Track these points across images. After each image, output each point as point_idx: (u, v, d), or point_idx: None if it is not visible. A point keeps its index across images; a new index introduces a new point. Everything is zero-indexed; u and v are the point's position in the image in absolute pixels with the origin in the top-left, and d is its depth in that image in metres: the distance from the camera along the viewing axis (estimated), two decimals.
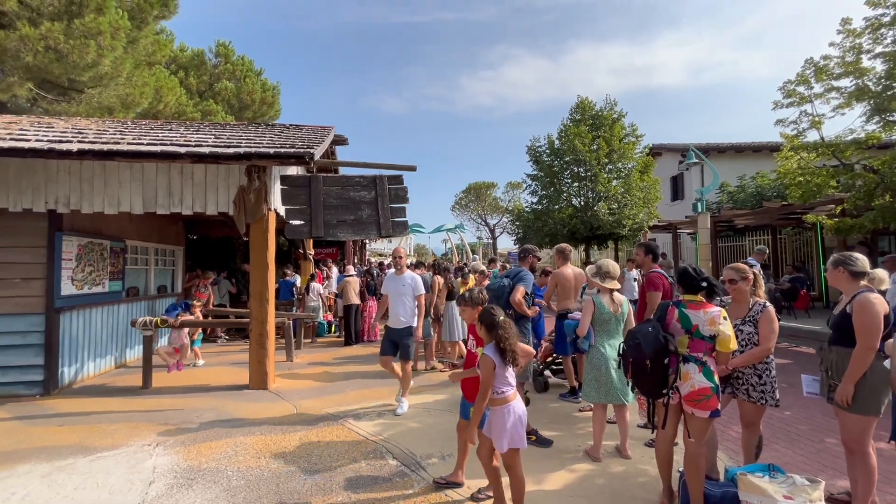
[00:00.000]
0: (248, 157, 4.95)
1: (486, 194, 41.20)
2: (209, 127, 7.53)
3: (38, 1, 9.47)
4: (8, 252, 5.37)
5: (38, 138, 5.00)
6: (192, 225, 10.18)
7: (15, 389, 5.34)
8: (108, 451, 3.72)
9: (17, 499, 2.97)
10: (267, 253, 5.55)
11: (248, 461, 3.53)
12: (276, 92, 19.97)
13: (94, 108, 11.49)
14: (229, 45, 19.10)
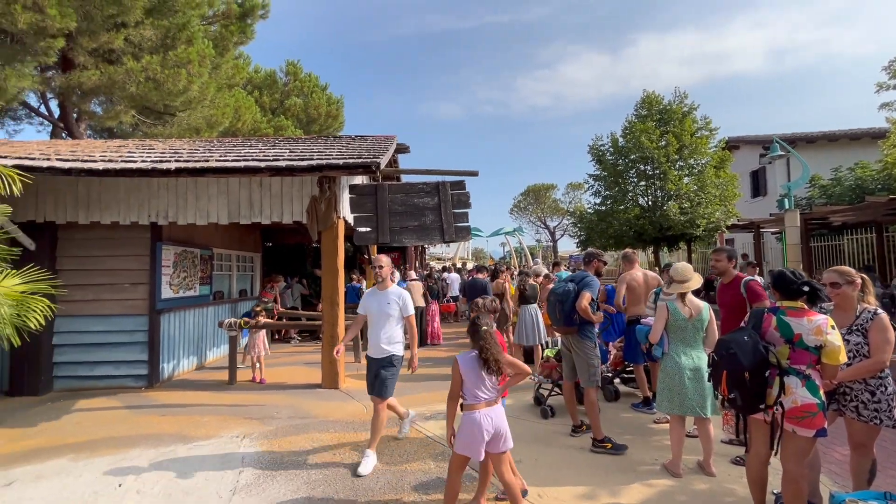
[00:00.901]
0: (319, 168, 5.25)
1: (546, 196, 40.37)
2: (283, 142, 8.07)
3: (140, 37, 10.69)
4: (119, 260, 6.11)
5: (143, 159, 5.64)
6: (268, 233, 10.94)
7: (125, 382, 6.03)
8: (202, 441, 4.09)
9: (131, 480, 3.35)
10: (337, 259, 5.83)
11: (325, 456, 3.72)
12: (339, 105, 20.96)
13: (184, 129, 12.74)
14: (298, 64, 20.37)
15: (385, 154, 6.15)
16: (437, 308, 9.42)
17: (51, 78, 10.76)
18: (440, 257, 36.95)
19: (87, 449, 3.94)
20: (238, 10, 13.99)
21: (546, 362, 4.95)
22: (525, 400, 5.17)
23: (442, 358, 7.77)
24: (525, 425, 4.40)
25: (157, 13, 10.94)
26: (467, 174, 5.83)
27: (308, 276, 11.82)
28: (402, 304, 3.80)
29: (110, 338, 6.01)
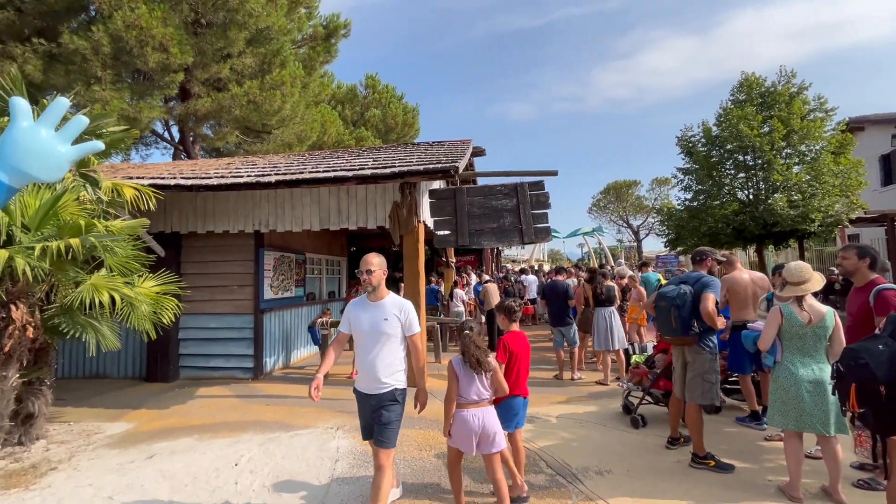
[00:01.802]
0: (401, 175, 5.47)
1: (628, 194, 38.13)
2: (367, 151, 8.53)
3: (242, 65, 11.95)
4: (229, 265, 6.86)
5: (248, 174, 6.30)
6: (352, 238, 11.62)
7: (234, 373, 6.75)
8: (302, 430, 4.45)
9: (245, 460, 3.75)
10: (418, 262, 6.03)
11: (412, 452, 3.86)
12: (415, 113, 21.66)
13: (279, 144, 13.97)
14: (376, 77, 21.39)
15: (462, 158, 6.24)
16: None
17: (172, 107, 12.42)
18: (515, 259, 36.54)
19: (209, 430, 4.48)
20: (323, 32, 15.08)
21: (635, 368, 4.68)
22: (612, 407, 4.93)
23: None
24: (614, 434, 4.20)
25: (256, 42, 12.16)
26: (546, 174, 5.73)
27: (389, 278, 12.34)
28: (406, 320, 2.73)
29: (222, 334, 6.77)
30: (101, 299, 4.06)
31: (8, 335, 3.62)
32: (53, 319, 4.13)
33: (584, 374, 6.50)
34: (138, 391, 6.06)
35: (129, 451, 4.02)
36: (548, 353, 8.15)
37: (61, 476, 3.52)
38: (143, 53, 9.51)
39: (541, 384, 6.08)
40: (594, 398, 5.37)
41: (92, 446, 4.14)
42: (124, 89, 10.05)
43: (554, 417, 4.69)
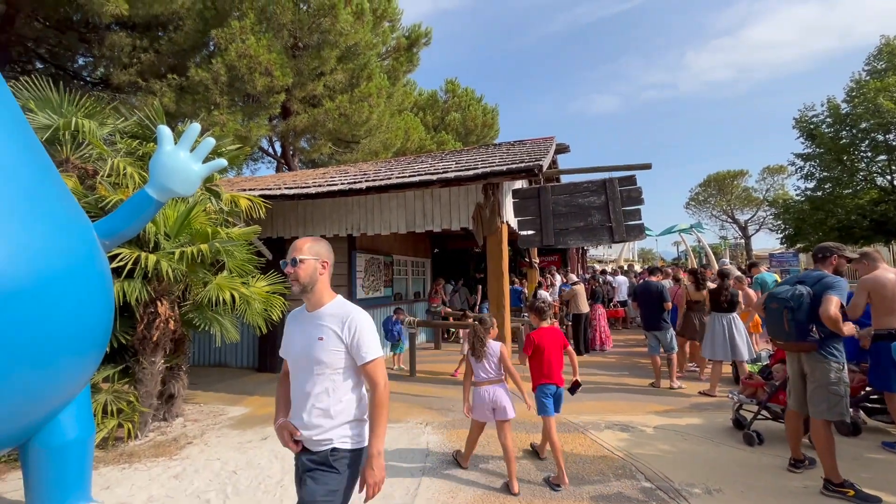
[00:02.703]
0: (484, 176, 5.50)
1: (733, 185, 34.36)
2: (449, 155, 8.71)
3: (334, 81, 12.87)
4: None
5: (341, 182, 6.77)
6: (435, 239, 11.92)
7: None
8: (393, 424, 4.67)
9: None
10: (501, 262, 6.01)
11: (499, 451, 3.85)
12: (494, 114, 21.63)
13: (367, 153, 14.81)
14: (455, 81, 21.74)
15: (545, 156, 6.11)
16: (603, 311, 8.89)
17: (276, 125, 13.77)
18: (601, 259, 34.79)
19: None
20: (405, 43, 15.69)
21: (749, 379, 4.21)
22: (719, 421, 4.47)
23: (612, 364, 7.29)
24: (724, 450, 3.80)
25: (346, 59, 13.03)
26: (638, 168, 5.38)
27: (471, 280, 12.46)
28: (353, 340, 1.79)
29: None
30: (223, 297, 4.64)
31: (155, 327, 4.29)
32: (188, 314, 4.80)
33: (685, 383, 5.98)
34: (252, 380, 6.80)
35: (246, 432, 4.53)
36: (638, 359, 7.64)
37: (196, 450, 4.08)
38: (252, 79, 10.67)
39: (634, 391, 5.71)
40: (698, 410, 4.92)
41: (218, 426, 4.74)
42: (237, 112, 11.36)
43: (651, 428, 4.38)
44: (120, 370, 4.38)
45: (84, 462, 2.75)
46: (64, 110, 4.43)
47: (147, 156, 4.59)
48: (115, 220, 2.90)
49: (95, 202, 4.13)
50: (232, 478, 3.48)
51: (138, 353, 4.36)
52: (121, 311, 3.99)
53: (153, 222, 4.33)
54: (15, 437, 2.39)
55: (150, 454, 3.97)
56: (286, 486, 3.32)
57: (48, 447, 2.53)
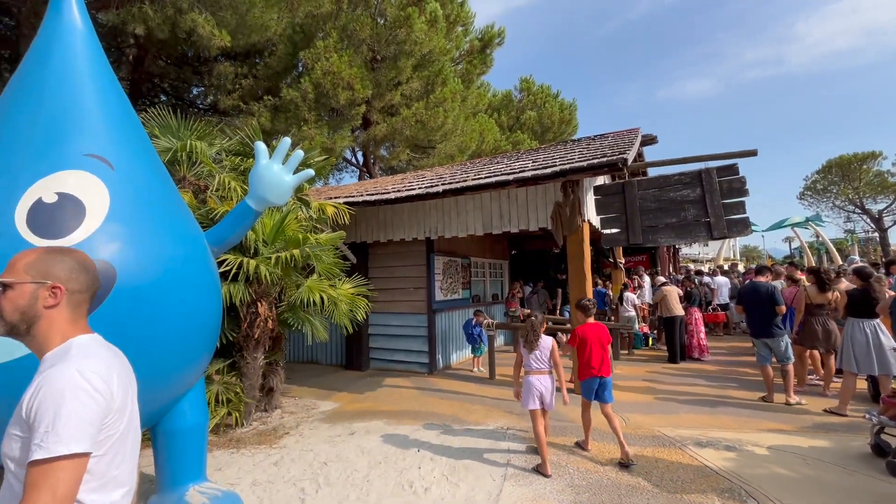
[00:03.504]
0: (563, 173, 5.29)
1: (862, 170, 29.54)
2: (525, 154, 8.53)
3: (410, 89, 13.27)
4: (406, 269, 7.65)
5: (419, 186, 6.93)
6: (513, 241, 11.74)
7: (412, 367, 7.46)
8: (473, 426, 4.65)
9: (426, 447, 4.08)
10: (583, 263, 5.73)
11: (585, 463, 3.65)
12: (572, 109, 20.85)
13: (442, 157, 15.04)
14: (530, 79, 21.31)
15: (630, 149, 5.72)
16: (699, 316, 8.10)
17: (357, 136, 14.52)
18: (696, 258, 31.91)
19: (395, 416, 5.03)
20: (479, 45, 15.72)
21: (892, 397, 3.55)
22: (853, 446, 3.82)
23: (713, 374, 6.59)
24: (860, 481, 3.24)
25: (421, 67, 13.37)
26: (741, 155, 4.82)
27: (550, 281, 12.08)
28: (33, 418, 1.01)
29: (402, 331, 7.56)
30: (314, 298, 4.96)
31: (256, 325, 4.71)
32: (284, 314, 5.20)
33: (805, 398, 5.22)
34: (340, 377, 7.20)
35: (336, 426, 4.79)
36: (745, 369, 6.82)
37: (292, 440, 4.40)
38: (336, 93, 11.36)
39: (741, 405, 5.11)
40: (824, 430, 4.26)
41: (311, 419, 5.07)
42: (323, 126, 12.17)
43: (763, 447, 3.88)
44: (228, 364, 4.87)
45: (201, 445, 3.08)
46: (181, 134, 5.04)
47: (247, 170, 5.06)
48: (222, 229, 3.22)
49: (206, 213, 4.65)
50: (323, 469, 3.69)
51: (243, 349, 4.82)
52: (228, 311, 4.44)
53: (253, 230, 4.76)
54: (145, 421, 2.75)
55: (254, 441, 4.35)
56: (371, 482, 3.44)
57: (171, 431, 2.87)
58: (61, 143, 2.46)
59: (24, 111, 2.53)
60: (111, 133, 2.66)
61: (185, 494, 2.91)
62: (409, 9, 11.80)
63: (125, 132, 2.77)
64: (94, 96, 2.68)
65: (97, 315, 2.22)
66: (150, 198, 2.68)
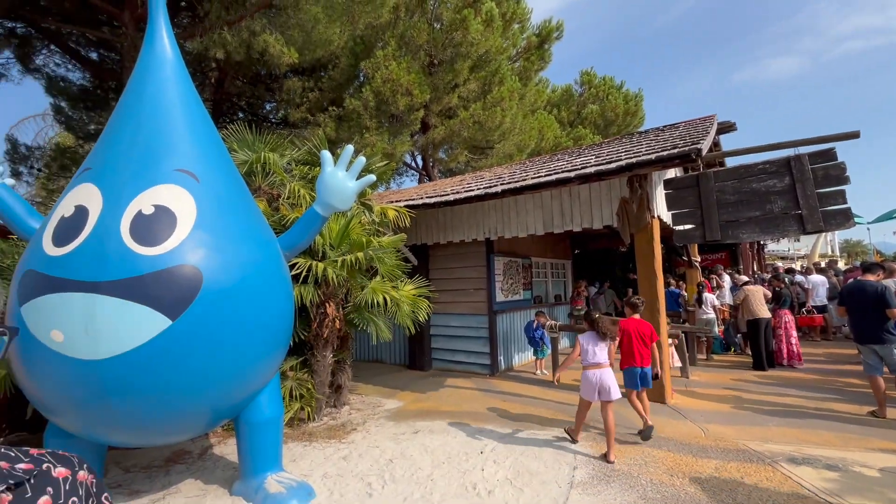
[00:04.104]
0: (629, 168, 5.02)
1: None
2: (588, 149, 8.22)
3: (467, 91, 13.31)
4: (465, 270, 7.67)
5: (477, 187, 6.92)
6: (576, 240, 11.35)
7: (473, 368, 7.45)
8: (538, 430, 4.54)
9: (489, 450, 4.05)
10: (654, 262, 5.40)
11: (660, 476, 3.43)
12: (638, 99, 19.80)
13: (501, 157, 14.91)
14: (591, 72, 20.53)
15: (705, 138, 5.31)
16: (790, 319, 7.31)
17: (416, 140, 14.81)
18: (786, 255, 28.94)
19: (458, 417, 5.05)
20: (536, 41, 15.41)
21: None
22: None
23: (809, 384, 5.91)
24: None
25: (477, 67, 13.37)
26: (840, 139, 4.29)
27: (617, 281, 11.53)
28: None
29: (463, 332, 7.58)
30: (377, 300, 5.12)
31: (325, 325, 4.95)
32: (350, 315, 5.42)
33: None
34: (403, 376, 7.37)
35: (400, 424, 4.90)
36: (848, 379, 6.05)
37: (359, 436, 4.56)
38: (395, 100, 11.68)
39: (845, 420, 4.54)
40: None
41: (376, 416, 5.23)
42: (384, 132, 12.55)
43: (874, 469, 3.41)
44: (300, 361, 5.16)
45: (277, 437, 3.29)
46: (256, 147, 5.44)
47: (315, 178, 5.35)
48: (293, 235, 3.42)
49: (279, 220, 4.97)
50: (389, 466, 3.79)
51: (313, 347, 5.09)
52: (299, 312, 4.70)
53: (320, 235, 5.01)
54: (229, 412, 2.99)
55: (324, 436, 4.57)
56: (435, 480, 3.47)
57: (250, 422, 3.09)
58: (156, 161, 2.75)
59: (126, 134, 2.86)
60: (197, 150, 2.93)
61: (264, 482, 3.12)
62: (464, 11, 11.85)
63: (208, 148, 3.04)
64: (182, 118, 2.96)
65: (185, 316, 2.46)
66: (230, 207, 2.91)
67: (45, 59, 10.48)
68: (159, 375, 2.40)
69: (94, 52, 10.79)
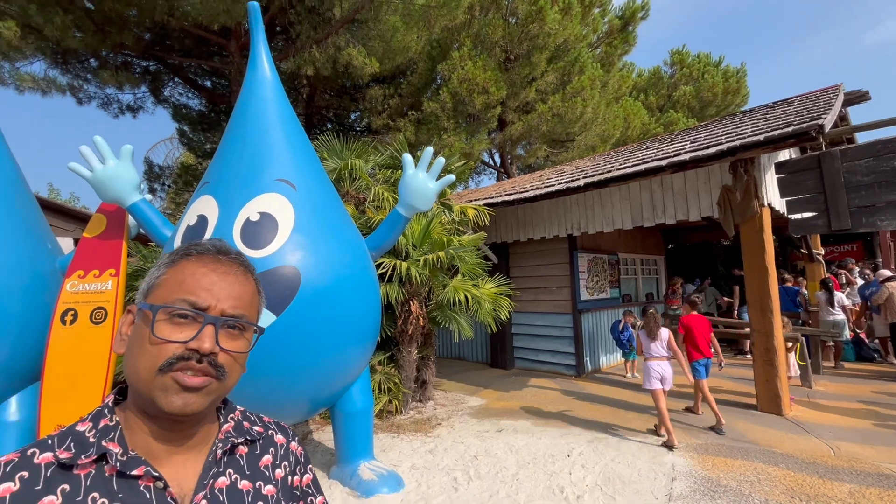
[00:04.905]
0: (732, 151, 4.53)
1: None
2: (681, 135, 7.57)
3: (545, 84, 12.95)
4: (547, 268, 7.47)
5: (557, 182, 6.70)
6: (669, 233, 10.50)
7: (558, 369, 7.23)
8: (630, 436, 4.28)
9: (576, 454, 3.91)
10: (764, 255, 4.81)
11: (777, 495, 3.04)
12: (740, 76, 17.81)
13: (582, 149, 14.29)
14: (683, 51, 18.87)
15: (828, 112, 4.62)
16: None
17: (493, 137, 14.74)
18: None
19: (542, 418, 4.94)
20: (619, 24, 14.52)
21: None
22: None
23: None
24: None
25: (555, 59, 12.94)
26: None
27: (720, 278, 10.45)
28: None
29: (546, 331, 7.39)
30: (458, 298, 5.19)
31: (409, 322, 5.13)
32: (432, 312, 5.56)
33: None
34: (485, 374, 7.38)
35: (483, 422, 4.92)
36: None
37: (444, 431, 4.66)
38: (472, 99, 11.73)
39: None
40: None
41: (460, 412, 5.31)
42: (461, 132, 12.68)
43: None
44: (387, 357, 5.41)
45: (368, 426, 3.48)
46: (343, 155, 5.80)
47: (397, 181, 5.56)
48: (379, 236, 3.60)
49: (365, 222, 5.25)
50: (473, 462, 3.82)
51: (399, 343, 5.30)
52: (385, 309, 4.93)
53: (404, 235, 5.21)
54: (326, 401, 3.22)
55: (411, 429, 4.74)
56: (521, 481, 3.43)
57: (345, 412, 3.31)
58: (260, 172, 3.05)
59: (235, 150, 3.21)
60: (293, 160, 3.21)
61: (358, 469, 3.32)
62: (540, 2, 11.54)
63: (303, 158, 3.31)
64: (280, 133, 3.26)
65: (288, 312, 2.70)
66: (323, 211, 3.14)
67: (170, 90, 12.18)
68: (266, 366, 2.66)
69: (208, 80, 12.29)
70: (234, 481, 0.67)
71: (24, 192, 3.56)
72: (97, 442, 0.61)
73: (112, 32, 8.25)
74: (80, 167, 3.26)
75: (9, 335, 3.05)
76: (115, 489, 0.59)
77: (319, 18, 8.91)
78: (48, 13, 7.42)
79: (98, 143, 3.28)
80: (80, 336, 3.17)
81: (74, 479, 0.59)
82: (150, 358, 0.62)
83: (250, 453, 0.72)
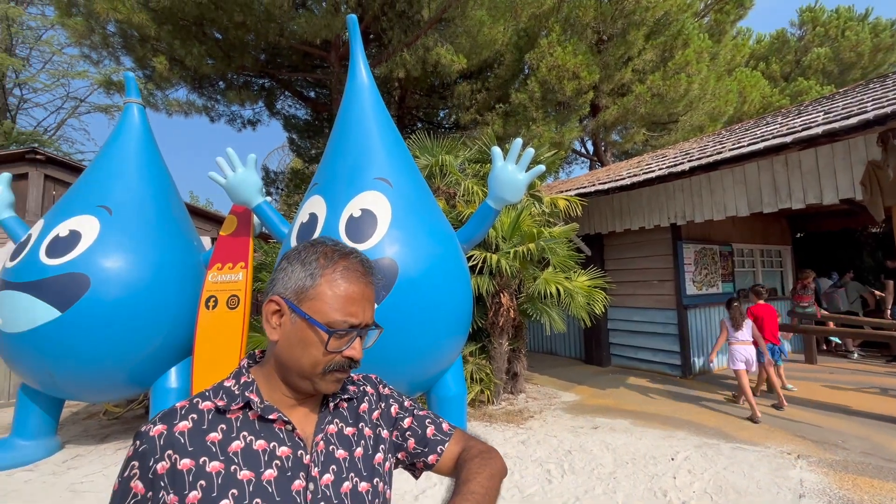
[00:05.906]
0: (879, 121, 3.83)
1: None
2: (811, 105, 6.57)
3: (643, 62, 12.03)
4: (646, 260, 6.98)
5: (658, 167, 6.23)
6: (796, 220, 9.15)
7: (660, 368, 6.74)
8: (747, 445, 3.87)
9: (681, 458, 3.64)
10: None
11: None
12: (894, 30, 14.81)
13: (687, 131, 13.04)
14: (815, 7, 16.22)
15: None
16: None
17: (586, 125, 14.07)
18: None
19: (642, 418, 4.67)
20: None
21: None
22: None
23: None
24: None
25: (654, 34, 11.94)
26: None
27: (866, 270, 8.88)
28: None
29: (646, 328, 6.93)
30: (550, 290, 5.10)
31: (500, 314, 5.17)
32: (523, 305, 5.54)
33: None
34: (579, 370, 7.15)
35: (577, 418, 4.79)
36: None
37: (536, 423, 4.64)
38: (562, 86, 11.32)
39: None
40: None
41: (552, 407, 5.23)
42: (551, 121, 12.31)
43: None
44: (479, 348, 5.51)
45: (462, 412, 3.61)
46: (434, 152, 6.00)
47: (486, 175, 5.62)
48: (469, 229, 3.69)
49: (456, 216, 5.39)
50: (567, 456, 3.76)
51: (490, 335, 5.37)
52: (476, 301, 5.03)
53: (493, 228, 5.25)
54: (423, 385, 3.41)
55: (503, 419, 4.79)
56: (619, 480, 3.30)
57: (440, 397, 3.47)
58: (361, 172, 3.32)
59: (339, 153, 3.52)
60: (389, 159, 3.43)
61: None
62: None
63: (398, 157, 3.52)
64: (377, 135, 3.50)
65: (386, 302, 2.90)
66: (417, 206, 3.31)
67: (281, 103, 13.58)
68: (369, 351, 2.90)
69: (312, 91, 13.47)
70: (339, 428, 0.85)
71: (177, 201, 4.28)
72: (241, 393, 0.79)
73: (235, 57, 9.44)
74: (217, 175, 3.83)
75: (167, 318, 3.72)
76: (258, 429, 0.77)
77: (409, 22, 9.28)
78: (188, 46, 8.72)
79: (230, 154, 3.82)
80: (220, 318, 3.74)
81: (228, 421, 0.77)
82: (317, 361, 0.79)
83: (350, 406, 0.90)
